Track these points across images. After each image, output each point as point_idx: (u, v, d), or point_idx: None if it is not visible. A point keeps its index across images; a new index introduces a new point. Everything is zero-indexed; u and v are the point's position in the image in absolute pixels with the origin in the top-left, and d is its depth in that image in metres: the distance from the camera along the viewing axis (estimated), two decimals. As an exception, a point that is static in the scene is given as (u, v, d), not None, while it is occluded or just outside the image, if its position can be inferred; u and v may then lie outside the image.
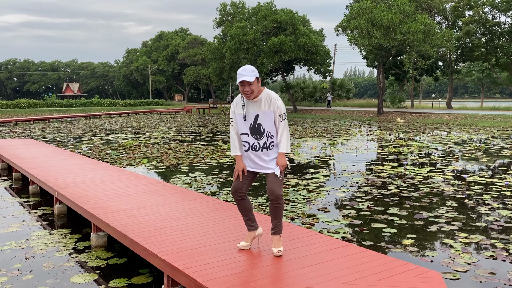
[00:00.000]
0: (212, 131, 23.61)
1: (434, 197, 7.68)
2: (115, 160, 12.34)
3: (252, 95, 3.75)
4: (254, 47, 41.77)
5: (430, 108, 44.88)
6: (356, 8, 32.74)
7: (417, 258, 4.81)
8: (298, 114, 42.73)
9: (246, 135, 3.84)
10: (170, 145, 16.30)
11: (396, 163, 11.68)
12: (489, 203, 7.18)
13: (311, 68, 44.55)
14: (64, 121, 36.09)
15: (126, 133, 22.37)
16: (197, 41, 74.68)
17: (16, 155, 10.63)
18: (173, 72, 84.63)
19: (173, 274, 3.60)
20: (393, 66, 44.28)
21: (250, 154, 3.85)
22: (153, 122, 33.19)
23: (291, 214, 6.53)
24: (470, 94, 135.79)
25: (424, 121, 30.78)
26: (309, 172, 10.37)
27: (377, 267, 3.57)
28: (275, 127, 3.80)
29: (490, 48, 39.34)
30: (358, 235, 5.58)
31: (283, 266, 3.59)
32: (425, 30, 31.30)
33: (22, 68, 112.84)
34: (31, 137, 20.41)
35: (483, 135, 20.43)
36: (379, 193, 8.04)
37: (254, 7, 46.82)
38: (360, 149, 14.98)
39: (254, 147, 3.82)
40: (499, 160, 12.30)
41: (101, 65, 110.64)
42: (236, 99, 3.95)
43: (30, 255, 4.97)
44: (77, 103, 64.26)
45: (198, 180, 9.35)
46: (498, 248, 5.07)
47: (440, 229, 5.83)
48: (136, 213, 5.23)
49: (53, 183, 7.08)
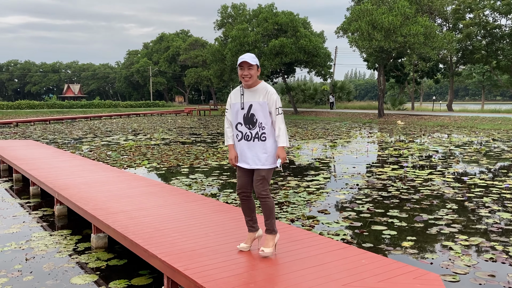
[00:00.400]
0: (212, 133, 23.62)
1: (434, 199, 7.68)
2: (115, 161, 12.35)
3: (251, 80, 3.86)
4: (255, 49, 41.80)
5: (430, 110, 44.89)
6: (356, 10, 32.77)
7: (416, 260, 4.81)
8: (299, 116, 42.74)
9: (240, 125, 3.94)
10: (171, 147, 16.31)
11: (397, 165, 11.68)
12: (489, 206, 7.18)
13: (312, 70, 44.57)
14: (65, 122, 36.12)
15: (127, 135, 22.39)
16: (198, 43, 74.78)
17: (16, 156, 10.64)
18: (174, 74, 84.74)
19: (173, 276, 3.61)
20: (394, 68, 44.32)
21: (244, 145, 3.92)
22: (154, 123, 33.21)
23: (291, 216, 6.54)
24: (471, 96, 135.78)
25: (424, 123, 30.79)
26: (309, 174, 10.37)
27: (376, 269, 3.57)
28: (268, 119, 3.87)
29: (490, 51, 39.37)
30: (358, 237, 5.59)
31: (283, 268, 3.60)
32: (425, 32, 31.32)
33: (23, 70, 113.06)
34: (31, 138, 20.44)
35: (483, 137, 20.43)
36: (379, 195, 8.04)
37: (255, 9, 46.85)
38: (360, 151, 14.99)
39: (247, 137, 3.91)
40: (499, 162, 12.30)
41: (102, 67, 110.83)
42: (234, 90, 4.08)
43: (31, 256, 4.98)
44: (78, 104, 64.31)
45: (198, 181, 9.36)
46: (498, 251, 5.07)
47: (440, 231, 5.84)
48: (136, 215, 5.24)
49: (53, 184, 7.09)
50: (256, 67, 3.88)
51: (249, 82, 3.85)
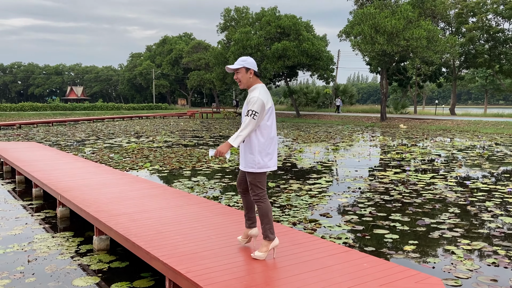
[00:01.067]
0: (215, 136, 23.64)
1: (436, 203, 7.67)
2: (118, 163, 12.37)
3: (241, 84, 3.92)
4: (257, 52, 41.87)
5: (433, 114, 44.82)
6: (359, 14, 32.79)
7: (418, 264, 4.80)
8: (301, 119, 42.74)
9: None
10: (173, 149, 16.33)
11: (399, 169, 11.67)
12: (492, 210, 7.17)
13: (315, 73, 44.58)
14: (68, 124, 36.21)
15: (129, 137, 22.42)
16: (201, 45, 74.90)
17: (19, 158, 10.68)
18: (176, 77, 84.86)
19: (175, 278, 3.61)
20: (397, 72, 44.28)
21: (241, 145, 3.98)
22: (156, 126, 33.26)
23: (293, 219, 6.54)
24: (473, 100, 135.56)
25: (427, 127, 30.74)
26: (311, 177, 10.37)
27: (378, 272, 3.57)
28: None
29: (493, 55, 39.31)
30: (360, 241, 5.58)
31: (284, 271, 3.59)
32: (428, 36, 31.30)
33: (27, 72, 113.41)
34: (34, 140, 20.49)
35: (486, 141, 20.38)
36: (382, 199, 8.03)
37: (258, 12, 46.92)
38: (363, 154, 14.98)
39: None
40: (502, 167, 12.27)
41: (105, 69, 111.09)
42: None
43: (33, 258, 4.99)
44: (81, 106, 64.47)
45: (200, 184, 9.37)
46: (500, 255, 5.06)
47: (442, 235, 5.82)
48: (138, 217, 5.25)
49: (56, 186, 7.11)
50: (245, 70, 3.87)
51: (240, 86, 3.94)
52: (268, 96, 3.92)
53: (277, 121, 41.64)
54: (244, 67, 3.87)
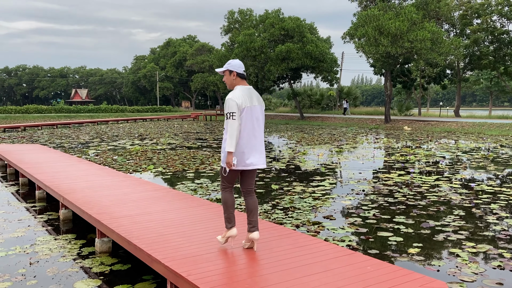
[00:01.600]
0: (218, 138, 23.63)
1: (441, 205, 7.61)
2: (121, 166, 12.37)
3: (228, 86, 4.12)
4: (261, 54, 41.87)
5: (437, 116, 44.66)
6: (363, 16, 32.73)
7: (423, 267, 4.75)
8: (305, 122, 42.70)
9: None
10: (177, 152, 16.33)
11: (403, 171, 11.60)
12: (497, 213, 7.10)
13: (318, 75, 44.50)
14: (72, 127, 36.32)
15: (133, 139, 22.45)
16: (204, 48, 75.06)
17: (23, 160, 10.69)
18: (180, 79, 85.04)
19: (176, 281, 3.58)
20: (401, 74, 44.19)
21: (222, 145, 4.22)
22: (160, 128, 33.30)
23: (297, 222, 6.50)
24: (478, 102, 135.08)
25: (431, 129, 30.63)
26: (315, 179, 10.32)
27: (382, 276, 3.53)
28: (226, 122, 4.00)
29: (498, 57, 39.14)
30: (363, 244, 5.53)
31: (287, 274, 3.56)
32: (432, 38, 31.20)
33: (32, 74, 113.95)
34: (39, 142, 20.55)
35: (491, 143, 20.27)
36: (386, 201, 7.98)
37: (262, 14, 46.93)
38: (366, 156, 14.92)
39: None
40: (507, 169, 12.18)
41: (109, 72, 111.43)
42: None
43: (35, 260, 4.98)
44: (85, 109, 64.71)
45: (203, 186, 9.35)
46: (506, 258, 5.00)
47: (447, 238, 5.77)
48: (140, 219, 5.23)
49: (58, 188, 7.10)
50: (228, 72, 4.06)
51: (228, 88, 4.11)
52: (245, 96, 4.01)
53: (281, 123, 41.62)
54: (228, 69, 4.04)
